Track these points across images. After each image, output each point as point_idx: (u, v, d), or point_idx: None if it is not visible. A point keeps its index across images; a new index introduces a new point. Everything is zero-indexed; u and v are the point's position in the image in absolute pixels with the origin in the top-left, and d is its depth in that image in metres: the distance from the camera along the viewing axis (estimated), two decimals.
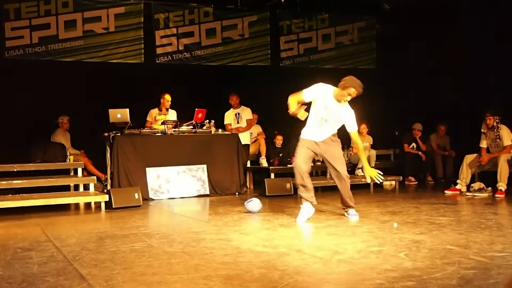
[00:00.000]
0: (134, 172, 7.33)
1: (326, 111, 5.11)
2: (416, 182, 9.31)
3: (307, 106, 5.24)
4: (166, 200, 7.32)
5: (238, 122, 8.98)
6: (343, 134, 5.39)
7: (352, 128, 5.19)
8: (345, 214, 5.38)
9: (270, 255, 3.57)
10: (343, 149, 9.45)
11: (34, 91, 8.49)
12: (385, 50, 11.26)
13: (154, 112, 8.40)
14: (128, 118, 7.37)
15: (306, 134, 5.30)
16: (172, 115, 8.38)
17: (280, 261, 3.39)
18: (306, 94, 5.15)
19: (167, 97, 8.31)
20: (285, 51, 10.92)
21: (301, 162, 5.19)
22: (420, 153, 9.59)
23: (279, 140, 9.05)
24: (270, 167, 8.29)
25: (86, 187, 7.18)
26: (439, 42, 9.63)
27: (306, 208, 5.18)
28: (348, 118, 5.14)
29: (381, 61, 11.43)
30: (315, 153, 5.33)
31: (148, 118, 8.37)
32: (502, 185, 7.01)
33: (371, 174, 5.21)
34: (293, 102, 5.17)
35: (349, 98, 5.05)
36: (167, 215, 6.33)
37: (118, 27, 9.52)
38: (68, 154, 7.67)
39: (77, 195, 6.82)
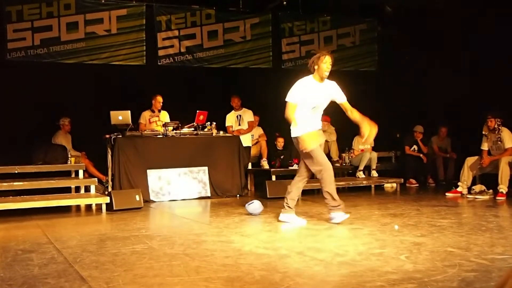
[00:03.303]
0: (135, 174, 7.33)
1: (316, 98, 4.99)
2: (417, 185, 9.29)
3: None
4: (167, 202, 7.33)
5: (239, 124, 8.98)
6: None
7: (343, 98, 5.09)
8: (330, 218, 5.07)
9: (271, 257, 3.57)
10: (343, 151, 9.54)
11: (36, 93, 8.51)
12: (386, 52, 11.25)
13: (147, 114, 8.42)
14: (129, 120, 7.39)
15: (305, 128, 4.98)
16: (165, 116, 8.40)
17: (281, 263, 3.39)
18: (294, 97, 4.96)
19: (159, 98, 8.37)
20: (287, 53, 10.92)
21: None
22: (421, 155, 9.58)
23: (280, 142, 9.05)
24: (271, 169, 8.28)
25: (87, 189, 7.19)
26: (441, 44, 9.63)
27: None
28: (336, 88, 5.10)
29: (382, 63, 11.43)
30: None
31: (141, 121, 8.38)
32: (503, 188, 6.99)
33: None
34: (294, 119, 4.96)
35: (329, 66, 4.96)
36: (168, 217, 6.33)
37: (120, 29, 9.55)
38: (69, 156, 7.68)
39: (78, 197, 6.82)
